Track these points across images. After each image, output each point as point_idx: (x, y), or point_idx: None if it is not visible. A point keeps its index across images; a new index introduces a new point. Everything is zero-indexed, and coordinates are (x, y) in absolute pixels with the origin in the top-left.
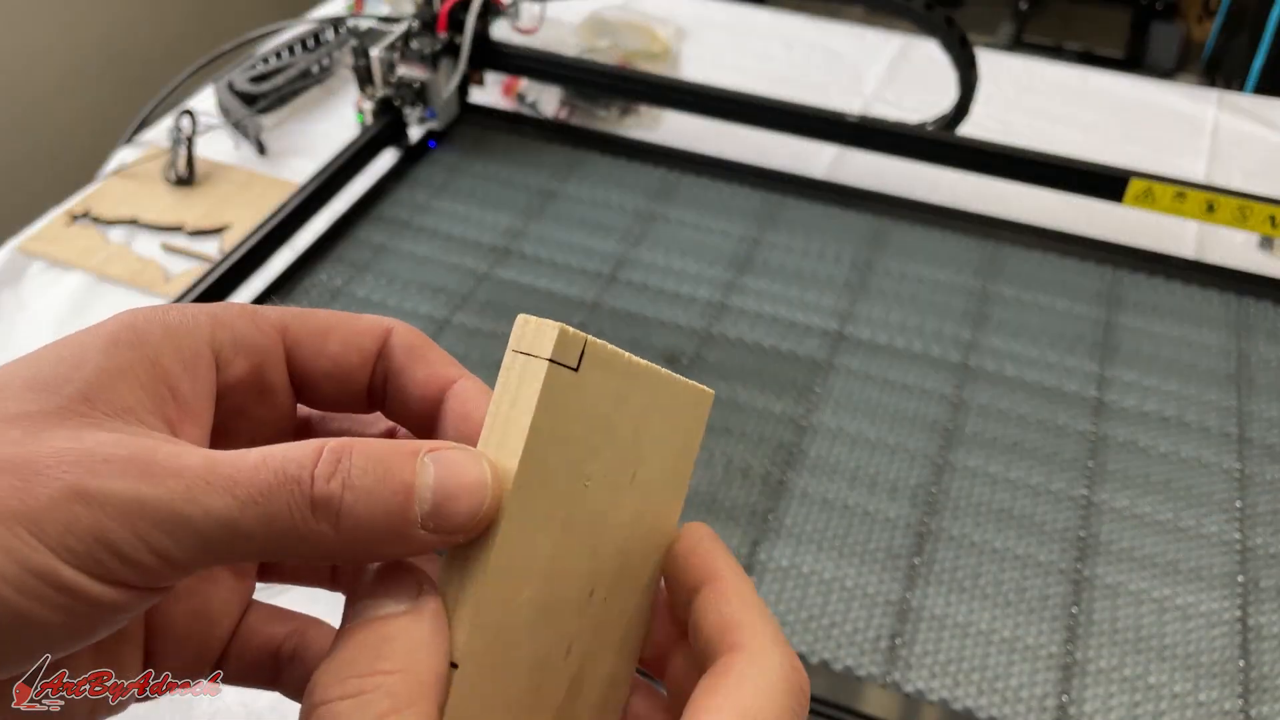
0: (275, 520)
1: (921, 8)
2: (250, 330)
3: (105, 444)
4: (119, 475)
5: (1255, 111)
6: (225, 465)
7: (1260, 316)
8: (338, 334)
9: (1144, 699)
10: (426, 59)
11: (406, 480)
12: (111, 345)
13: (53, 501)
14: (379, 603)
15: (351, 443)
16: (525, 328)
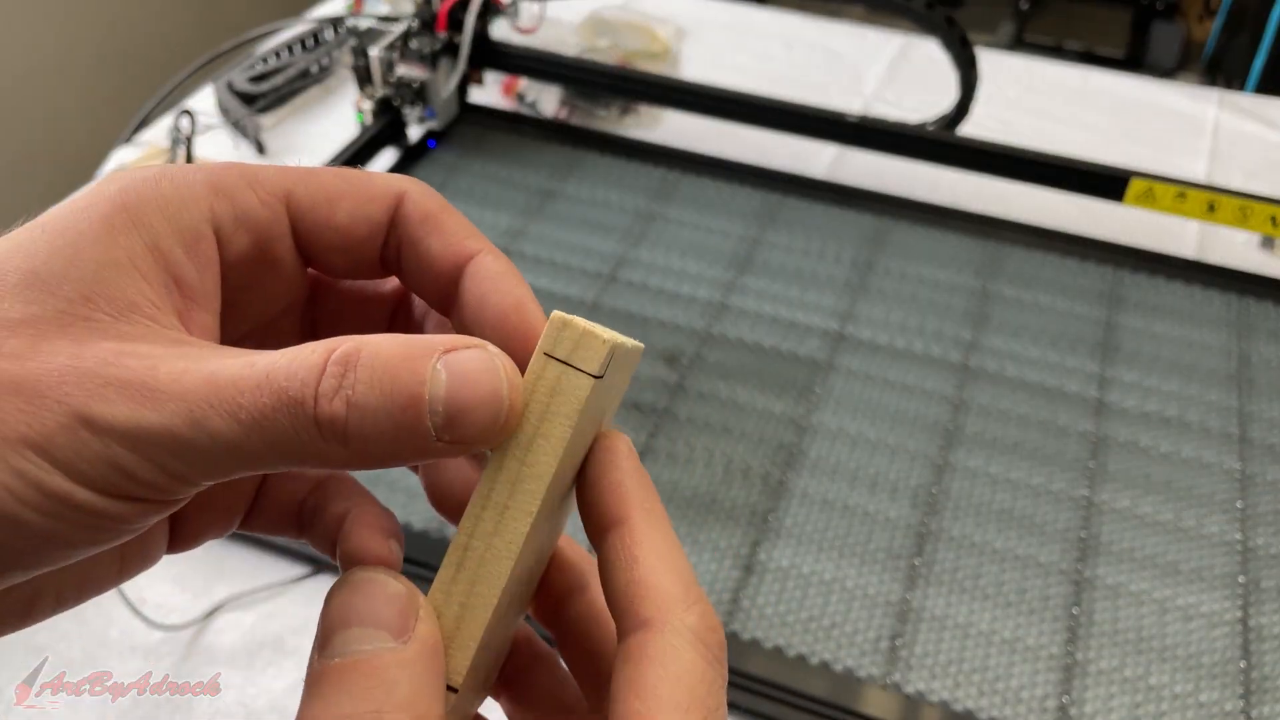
0: (281, 442)
1: (922, 7)
2: (251, 202)
3: (108, 359)
4: (122, 400)
5: (1256, 111)
6: (228, 386)
7: (1261, 317)
8: (346, 202)
9: (1145, 700)
10: (426, 58)
11: (416, 393)
12: (107, 232)
13: (60, 426)
14: (365, 634)
15: (358, 349)
16: (564, 331)
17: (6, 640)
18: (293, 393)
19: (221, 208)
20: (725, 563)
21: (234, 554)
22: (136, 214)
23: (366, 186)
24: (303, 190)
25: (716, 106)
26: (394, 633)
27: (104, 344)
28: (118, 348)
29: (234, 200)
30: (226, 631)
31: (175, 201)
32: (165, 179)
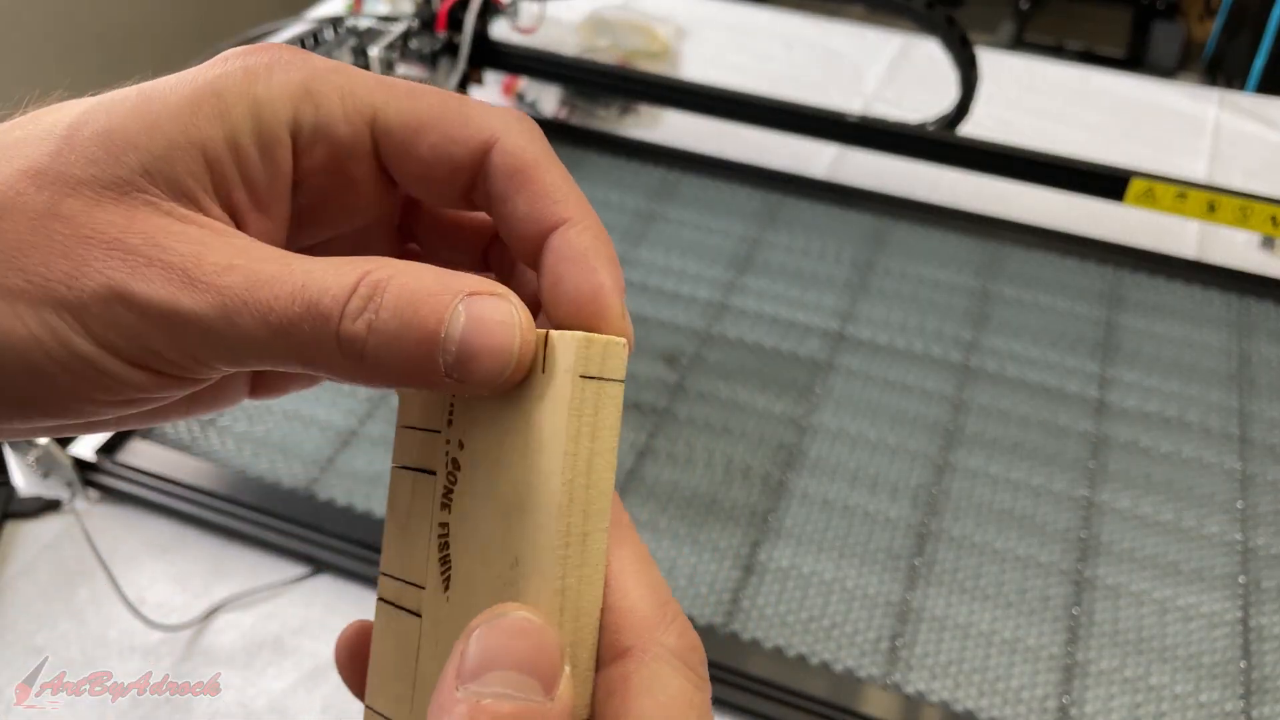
0: (302, 348)
1: (922, 7)
2: (336, 115)
3: (156, 238)
4: (161, 281)
5: (1256, 111)
6: (264, 288)
7: (1262, 316)
8: (431, 135)
9: (1145, 700)
10: (426, 58)
11: (432, 329)
12: (192, 113)
13: (97, 296)
14: (520, 681)
15: (390, 277)
16: (590, 349)
17: (6, 640)
18: (322, 307)
19: (306, 114)
20: (725, 563)
21: (234, 554)
22: (224, 104)
23: (458, 122)
24: (392, 112)
25: (716, 106)
26: (545, 687)
27: (155, 220)
28: (167, 226)
29: (319, 109)
30: (226, 632)
31: (265, 101)
32: (261, 76)
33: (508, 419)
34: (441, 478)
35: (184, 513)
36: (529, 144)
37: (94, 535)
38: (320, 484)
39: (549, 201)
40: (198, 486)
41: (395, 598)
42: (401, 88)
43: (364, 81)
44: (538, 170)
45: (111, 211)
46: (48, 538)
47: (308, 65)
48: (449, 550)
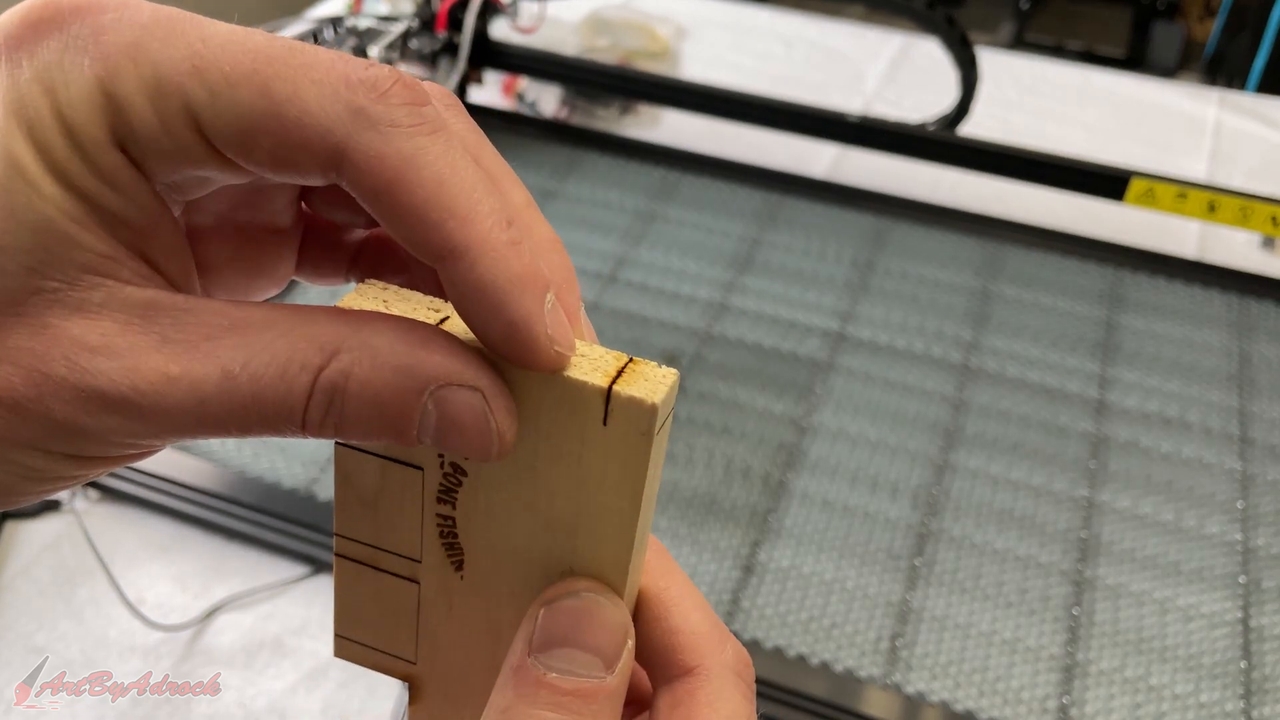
0: (270, 432)
1: (922, 7)
2: (153, 128)
3: (76, 359)
4: (104, 413)
5: (1257, 111)
6: (213, 403)
7: (1262, 317)
8: (263, 141)
9: (1145, 700)
10: (425, 58)
11: (404, 428)
12: (25, 181)
13: (49, 433)
14: (585, 659)
15: (348, 370)
16: (666, 405)
17: (6, 640)
18: (280, 417)
19: (121, 128)
20: (725, 563)
21: (233, 554)
22: (44, 145)
23: (295, 124)
24: (210, 115)
25: (716, 106)
26: (607, 664)
27: (69, 330)
28: (84, 337)
29: (131, 122)
30: (226, 632)
31: (75, 125)
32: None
33: (547, 454)
34: (435, 475)
35: (184, 513)
36: (387, 146)
37: (94, 535)
38: (320, 484)
39: (425, 229)
40: (198, 486)
41: (370, 560)
42: (220, 69)
43: (174, 68)
44: (402, 189)
45: (19, 338)
46: (48, 537)
47: (101, 50)
48: (457, 540)
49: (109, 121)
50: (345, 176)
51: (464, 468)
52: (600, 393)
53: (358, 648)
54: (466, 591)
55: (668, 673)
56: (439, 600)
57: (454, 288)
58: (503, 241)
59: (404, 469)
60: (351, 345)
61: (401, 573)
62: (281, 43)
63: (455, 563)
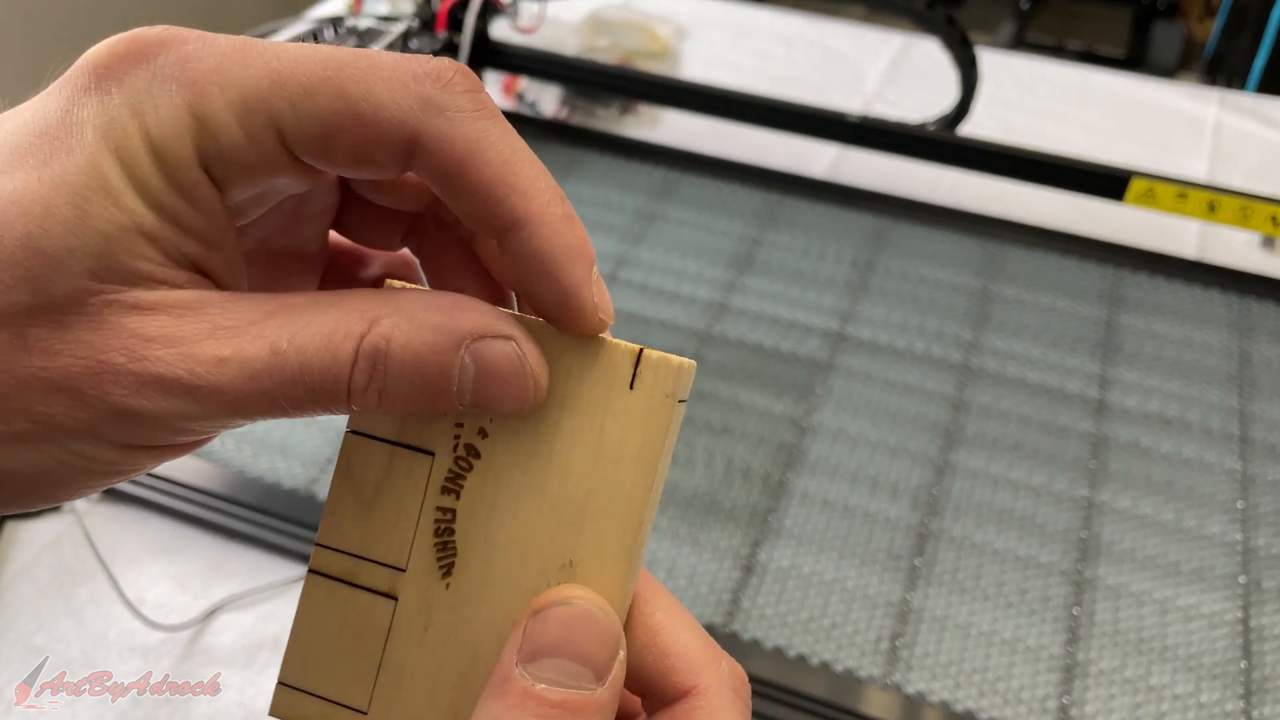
0: (318, 409)
1: (922, 7)
2: (238, 141)
3: (134, 349)
4: (160, 396)
5: (1257, 111)
6: (264, 378)
7: (1262, 316)
8: (344, 139)
9: (1145, 700)
10: None
11: (443, 387)
12: (104, 189)
13: (108, 418)
14: (575, 670)
15: (387, 342)
16: (685, 375)
17: (6, 640)
18: (327, 388)
19: (209, 149)
20: (725, 563)
21: (233, 554)
22: (130, 165)
23: (369, 117)
24: (292, 123)
25: (716, 106)
26: (598, 675)
27: (126, 324)
28: (140, 329)
29: (219, 140)
30: (226, 632)
31: (165, 148)
32: (152, 110)
33: (568, 421)
34: (446, 461)
35: (184, 513)
36: (455, 130)
37: (94, 535)
38: (320, 484)
39: (492, 204)
40: (198, 486)
41: (348, 574)
42: (297, 82)
43: (255, 86)
44: (471, 167)
45: (79, 331)
46: (48, 538)
47: (188, 77)
48: (453, 537)
49: (196, 142)
50: (419, 161)
51: (478, 449)
52: (631, 353)
53: (302, 698)
54: (450, 605)
55: (664, 697)
56: (416, 619)
57: (515, 255)
58: (559, 215)
59: (413, 456)
60: (389, 312)
61: (380, 588)
62: (349, 51)
63: (445, 567)
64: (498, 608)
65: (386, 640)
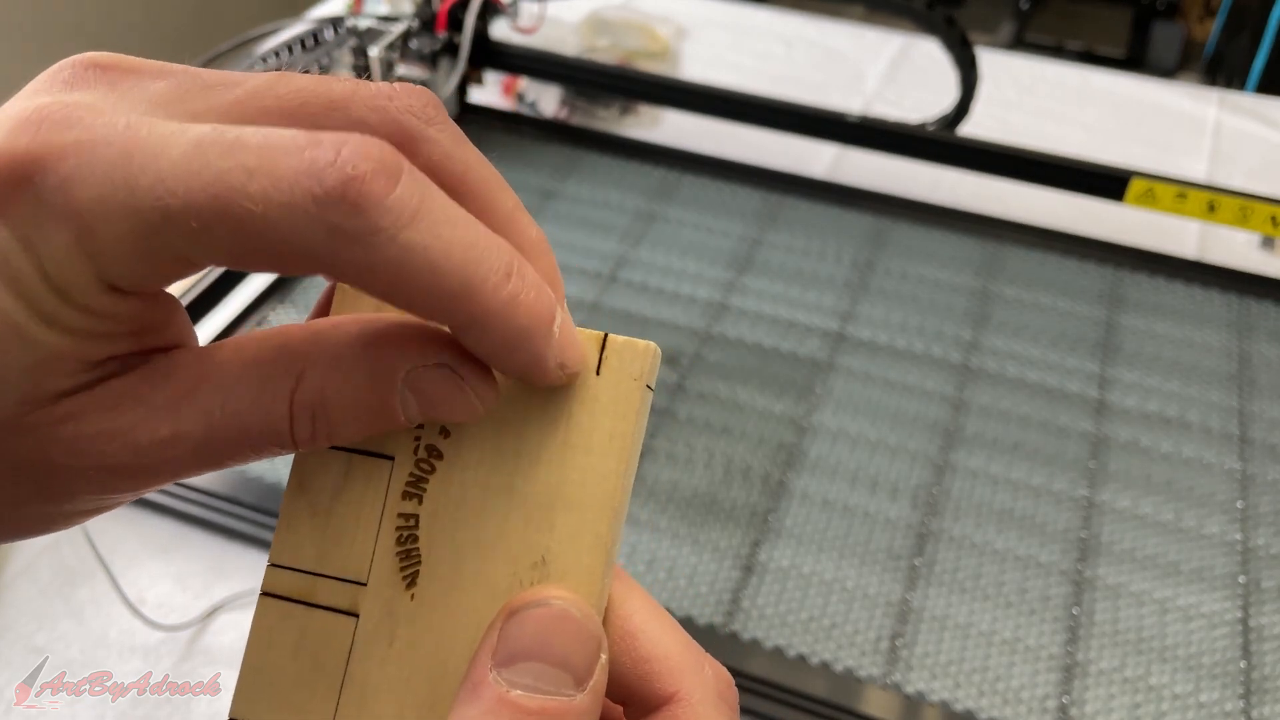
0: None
1: (922, 7)
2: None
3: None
4: (114, 480)
5: (1257, 111)
6: (207, 447)
7: (1262, 317)
8: (253, 264)
9: (1145, 700)
10: (426, 58)
11: (389, 418)
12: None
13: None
14: (551, 674)
15: (322, 396)
16: (652, 358)
17: (6, 640)
18: (271, 442)
19: (109, 273)
20: (725, 563)
21: (234, 554)
22: (31, 300)
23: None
24: (193, 251)
25: (716, 106)
26: (577, 680)
27: (64, 432)
28: (80, 431)
29: (118, 268)
30: (226, 632)
31: (61, 281)
32: (35, 243)
33: (535, 413)
34: (407, 464)
35: (184, 513)
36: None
37: (94, 535)
38: None
39: (431, 314)
40: (198, 486)
41: (305, 594)
42: (189, 214)
43: (146, 220)
44: (400, 289)
45: (21, 447)
46: (48, 538)
47: (72, 208)
48: (417, 544)
49: (95, 270)
50: (343, 279)
51: (440, 449)
52: (596, 339)
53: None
54: (415, 616)
55: (645, 705)
56: (379, 635)
57: (471, 348)
58: (503, 302)
59: (372, 462)
60: (315, 359)
61: (339, 605)
62: (240, 161)
63: (409, 576)
64: (467, 614)
65: (348, 660)
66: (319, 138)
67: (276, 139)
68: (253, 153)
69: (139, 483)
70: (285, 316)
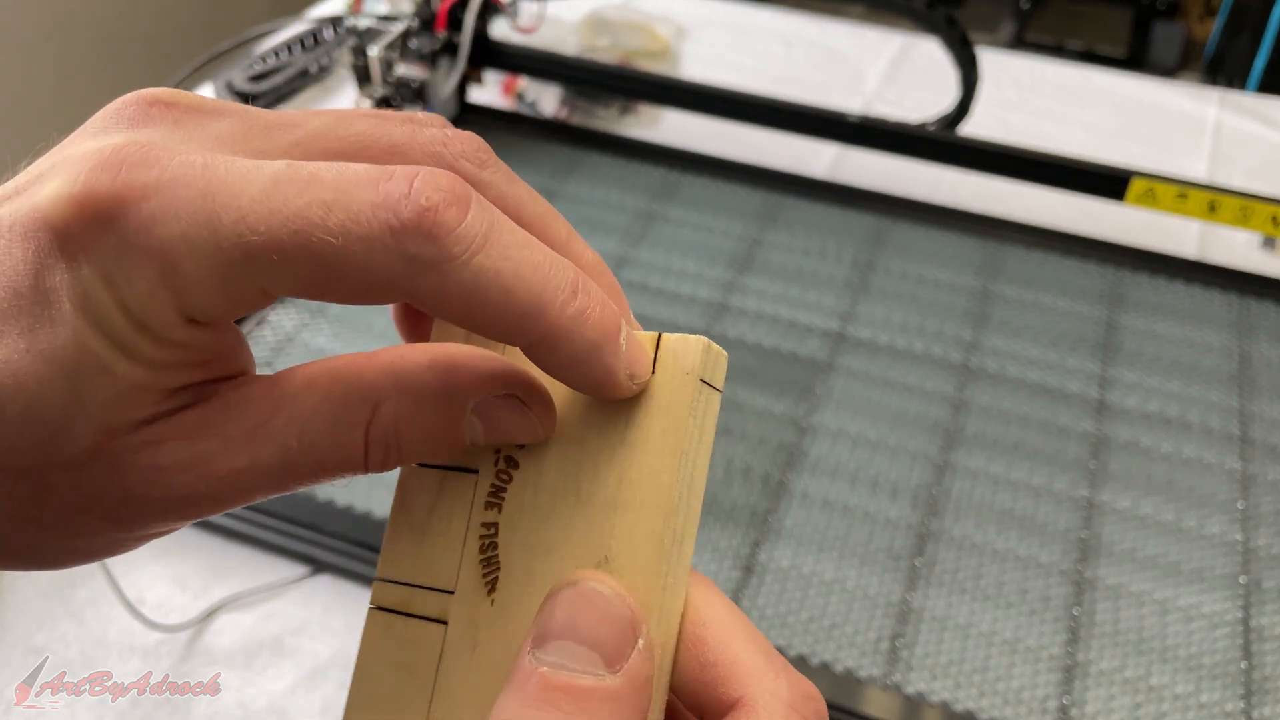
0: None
1: (922, 6)
2: (223, 304)
3: (154, 480)
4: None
5: (1257, 110)
6: (287, 476)
7: (1262, 316)
8: (332, 295)
9: (1146, 700)
10: (425, 58)
11: (457, 444)
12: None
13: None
14: (580, 652)
15: (395, 425)
16: (708, 354)
17: (6, 640)
18: (346, 470)
19: (191, 308)
20: (725, 563)
21: (233, 554)
22: (114, 335)
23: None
24: (275, 284)
25: (716, 106)
26: (608, 660)
27: (141, 460)
28: (156, 461)
29: (201, 303)
30: (225, 632)
31: (144, 317)
32: (117, 281)
33: (596, 417)
34: (489, 476)
35: None
36: (448, 282)
37: None
38: (320, 483)
39: (502, 334)
40: None
41: (403, 605)
42: (270, 251)
43: (228, 258)
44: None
45: (99, 475)
46: None
47: (155, 247)
48: (496, 551)
49: (177, 305)
50: (419, 305)
51: (517, 459)
52: (651, 339)
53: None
54: (494, 621)
55: (713, 712)
56: (464, 641)
57: (541, 365)
58: (572, 318)
59: (460, 476)
60: (389, 392)
61: (432, 614)
62: (317, 196)
63: (490, 583)
64: (533, 617)
65: (438, 668)
66: (391, 171)
67: (351, 174)
68: (329, 188)
69: (209, 509)
70: (284, 316)
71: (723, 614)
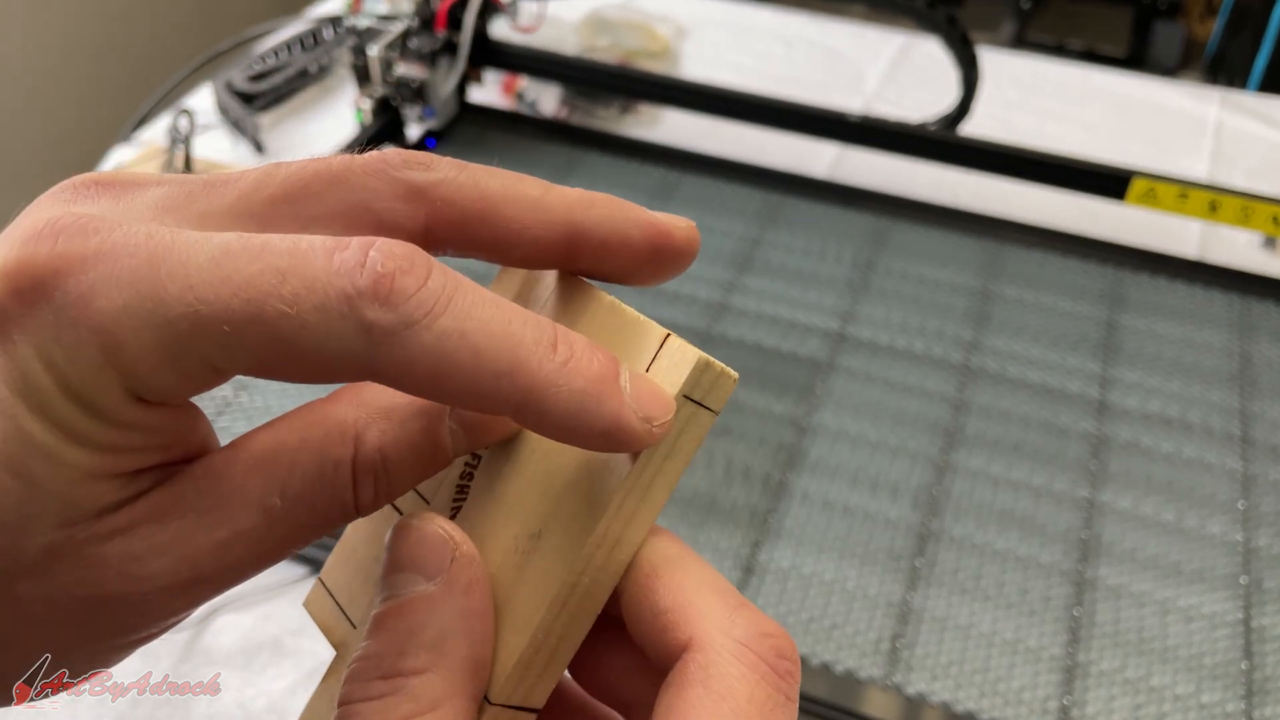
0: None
1: (923, 6)
2: (172, 381)
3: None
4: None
5: (1258, 110)
6: (271, 538)
7: (1263, 317)
8: (288, 373)
9: (1146, 701)
10: (425, 57)
11: (441, 458)
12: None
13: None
14: (407, 577)
15: (380, 451)
16: (705, 374)
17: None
18: (334, 517)
19: (138, 386)
20: (725, 563)
21: None
22: (58, 420)
23: (314, 358)
24: (226, 361)
25: (716, 106)
26: (427, 575)
27: (111, 552)
28: (128, 550)
29: (148, 381)
30: (225, 632)
31: (87, 397)
32: (55, 359)
33: None
34: (455, 469)
35: None
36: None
37: None
38: None
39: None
40: None
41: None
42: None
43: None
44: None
45: (68, 574)
46: None
47: (94, 321)
48: (465, 498)
49: (123, 384)
50: (384, 382)
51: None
52: (658, 336)
53: (324, 598)
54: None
55: (666, 658)
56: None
57: (541, 431)
58: (556, 369)
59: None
60: (365, 418)
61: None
62: (270, 264)
63: (454, 513)
64: None
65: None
66: (346, 241)
67: (305, 243)
68: (283, 256)
69: (196, 598)
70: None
71: (678, 560)
